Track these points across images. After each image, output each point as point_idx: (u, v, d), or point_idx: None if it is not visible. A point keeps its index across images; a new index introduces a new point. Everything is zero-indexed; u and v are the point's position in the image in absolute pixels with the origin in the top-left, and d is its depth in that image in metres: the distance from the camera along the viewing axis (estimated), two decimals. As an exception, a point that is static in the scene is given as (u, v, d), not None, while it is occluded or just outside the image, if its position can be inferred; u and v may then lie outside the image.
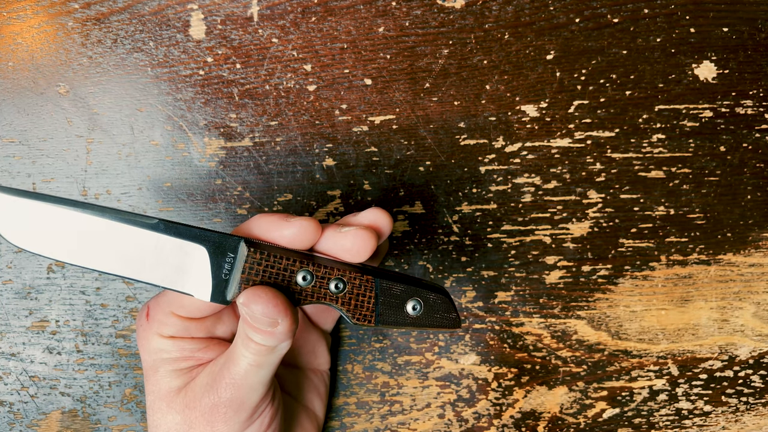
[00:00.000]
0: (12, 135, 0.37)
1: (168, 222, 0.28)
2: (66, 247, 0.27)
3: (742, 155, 0.38)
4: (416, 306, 0.29)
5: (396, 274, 0.29)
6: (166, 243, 0.27)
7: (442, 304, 0.29)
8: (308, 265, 0.28)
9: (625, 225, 0.38)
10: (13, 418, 0.38)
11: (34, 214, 0.27)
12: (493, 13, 0.37)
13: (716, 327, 0.39)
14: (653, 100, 0.38)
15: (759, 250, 0.39)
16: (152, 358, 0.31)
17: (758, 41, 0.38)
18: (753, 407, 0.40)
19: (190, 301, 0.29)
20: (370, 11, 0.36)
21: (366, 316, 0.29)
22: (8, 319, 0.37)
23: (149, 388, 0.31)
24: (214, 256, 0.28)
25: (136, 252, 0.27)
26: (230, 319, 0.32)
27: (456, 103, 0.37)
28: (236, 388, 0.29)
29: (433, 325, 0.29)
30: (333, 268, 0.28)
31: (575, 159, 0.38)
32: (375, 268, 0.30)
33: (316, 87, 0.37)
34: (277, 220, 0.28)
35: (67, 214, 0.27)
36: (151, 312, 0.31)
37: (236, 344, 0.29)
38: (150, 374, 0.31)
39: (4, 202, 0.27)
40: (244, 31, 0.36)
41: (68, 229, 0.27)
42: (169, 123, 0.37)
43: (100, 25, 0.36)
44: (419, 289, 0.29)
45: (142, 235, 0.27)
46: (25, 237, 0.27)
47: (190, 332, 0.31)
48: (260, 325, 0.27)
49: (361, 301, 0.29)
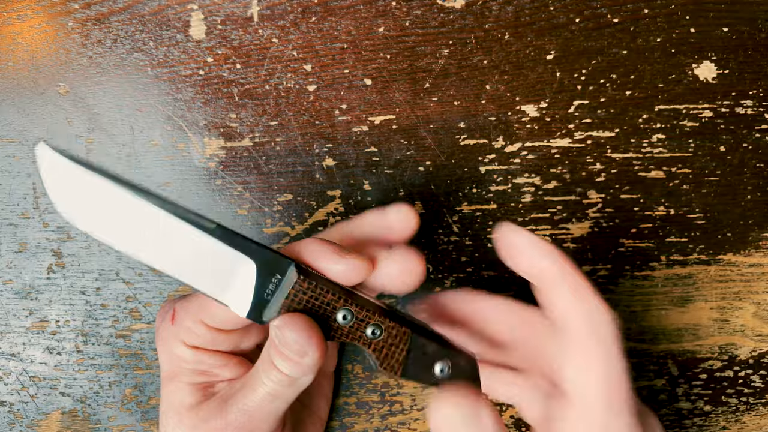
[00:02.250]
0: (12, 135, 0.37)
1: (225, 229, 0.27)
2: (114, 230, 0.26)
3: (742, 155, 0.38)
4: (444, 369, 0.28)
5: (430, 331, 0.29)
6: (217, 249, 0.26)
7: (470, 371, 0.29)
8: (351, 305, 0.28)
9: (625, 225, 0.38)
10: (13, 418, 0.38)
11: (91, 188, 0.25)
12: (493, 13, 0.37)
13: (716, 327, 0.39)
14: (653, 100, 0.38)
15: (759, 250, 0.39)
16: (172, 366, 0.30)
17: (758, 41, 0.38)
18: (753, 407, 0.40)
19: (223, 313, 0.28)
20: (370, 11, 0.36)
21: (393, 367, 0.28)
22: (8, 320, 0.37)
23: (164, 393, 0.30)
24: (261, 273, 0.27)
25: (184, 251, 0.26)
26: (258, 335, 0.31)
27: (456, 103, 0.37)
28: (248, 417, 0.28)
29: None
30: (374, 313, 0.28)
31: (575, 159, 0.38)
32: (412, 319, 0.29)
33: (316, 87, 0.37)
34: (331, 253, 0.27)
35: (124, 197, 0.25)
36: (178, 316, 0.30)
37: (257, 370, 0.28)
38: (166, 381, 0.30)
39: (62, 169, 0.25)
40: (244, 31, 0.36)
41: (121, 213, 0.26)
42: (169, 123, 0.37)
43: (100, 25, 0.36)
44: (451, 352, 0.28)
45: (195, 236, 0.26)
46: (75, 210, 0.25)
47: (215, 344, 0.30)
48: (289, 353, 0.26)
49: (392, 352, 0.28)
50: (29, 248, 0.37)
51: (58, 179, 0.25)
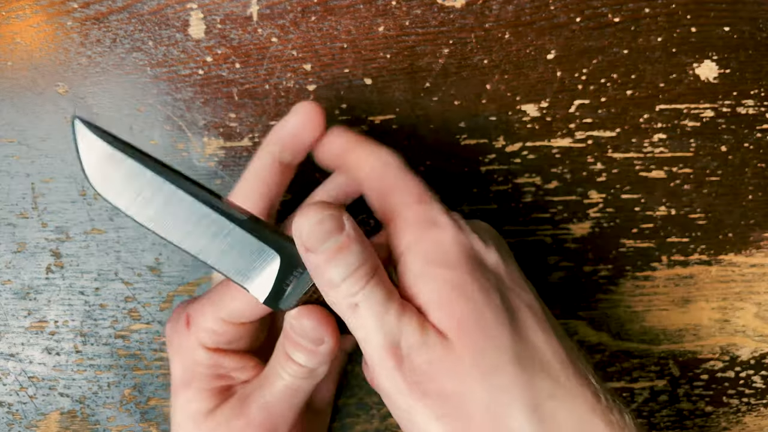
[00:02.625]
0: (11, 135, 0.37)
1: (255, 221, 0.27)
2: (148, 212, 0.26)
3: (743, 155, 0.38)
4: None
5: None
6: (244, 240, 0.27)
7: None
8: None
9: (626, 225, 0.38)
10: (12, 418, 0.38)
11: (127, 171, 0.26)
12: (494, 12, 0.37)
13: (717, 327, 0.39)
14: (654, 99, 0.37)
15: (760, 250, 0.39)
16: (188, 372, 0.30)
17: (759, 41, 0.37)
18: (754, 408, 0.40)
19: (240, 305, 0.28)
20: (370, 11, 0.36)
21: None
22: (7, 320, 0.37)
23: (178, 404, 0.30)
24: (285, 266, 0.27)
25: (212, 239, 0.27)
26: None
27: (456, 102, 0.37)
28: (268, 412, 0.28)
29: None
30: None
31: (576, 159, 0.38)
32: None
33: (316, 87, 0.37)
34: None
35: (159, 183, 0.26)
36: (193, 320, 0.29)
37: (272, 366, 0.28)
38: (180, 389, 0.30)
39: (98, 150, 0.26)
40: (244, 31, 0.36)
41: (155, 196, 0.26)
42: (168, 123, 0.37)
43: (99, 24, 0.36)
44: None
45: (224, 226, 0.27)
46: (111, 188, 0.26)
47: (234, 341, 0.30)
48: (306, 342, 0.27)
49: None
50: (28, 248, 0.37)
51: (95, 159, 0.26)
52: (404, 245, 0.27)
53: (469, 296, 0.26)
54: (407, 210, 0.28)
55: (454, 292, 0.26)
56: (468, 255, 0.27)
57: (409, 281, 0.27)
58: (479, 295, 0.26)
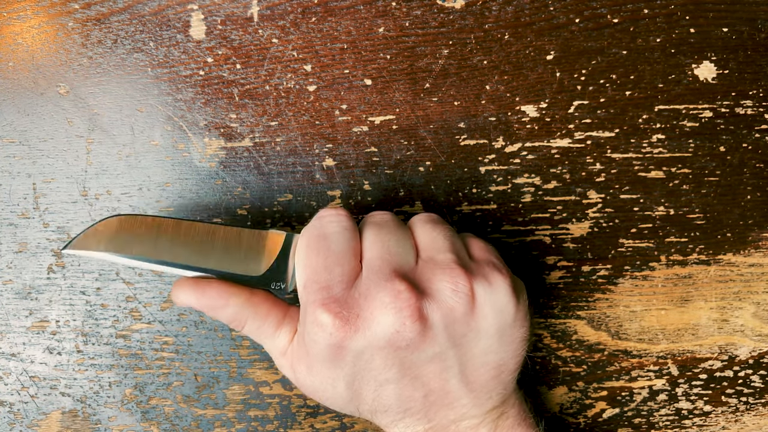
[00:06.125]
0: (12, 135, 0.37)
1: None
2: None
3: (741, 155, 0.38)
4: None
5: None
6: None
7: None
8: None
9: (625, 225, 0.38)
10: (13, 418, 0.38)
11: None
12: (493, 13, 0.37)
13: (716, 327, 0.39)
14: (653, 100, 0.38)
15: (759, 250, 0.39)
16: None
17: (758, 41, 0.38)
18: (753, 407, 0.40)
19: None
20: (370, 11, 0.36)
21: None
22: (8, 320, 0.37)
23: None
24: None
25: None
26: None
27: (456, 103, 0.37)
28: None
29: None
30: None
31: (575, 159, 0.38)
32: None
33: (316, 87, 0.37)
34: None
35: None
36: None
37: None
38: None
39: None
40: (244, 32, 0.36)
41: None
42: (169, 123, 0.37)
43: (101, 25, 0.36)
44: None
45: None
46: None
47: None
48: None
49: None
50: (29, 248, 0.37)
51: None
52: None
53: None
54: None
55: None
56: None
57: None
58: None
